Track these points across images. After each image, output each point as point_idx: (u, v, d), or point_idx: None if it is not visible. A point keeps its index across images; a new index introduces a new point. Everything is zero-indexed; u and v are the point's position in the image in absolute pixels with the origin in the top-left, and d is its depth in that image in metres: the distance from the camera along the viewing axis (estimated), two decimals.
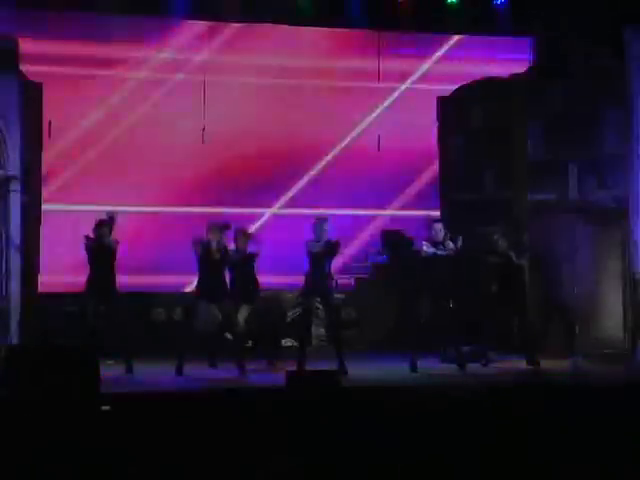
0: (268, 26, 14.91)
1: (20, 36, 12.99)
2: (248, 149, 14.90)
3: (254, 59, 14.98)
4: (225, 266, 12.09)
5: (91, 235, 11.76)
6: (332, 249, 11.79)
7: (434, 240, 12.08)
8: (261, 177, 14.93)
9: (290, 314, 14.14)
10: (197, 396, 10.09)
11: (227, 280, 12.18)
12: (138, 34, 14.57)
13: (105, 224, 11.78)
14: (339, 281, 14.72)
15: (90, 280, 11.79)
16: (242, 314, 12.24)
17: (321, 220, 11.93)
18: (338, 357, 11.52)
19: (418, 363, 11.84)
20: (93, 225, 11.79)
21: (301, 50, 15.23)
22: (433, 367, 12.17)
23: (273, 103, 15.07)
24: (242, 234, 12.40)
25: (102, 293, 11.77)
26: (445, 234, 12.17)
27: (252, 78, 15.00)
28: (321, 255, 11.74)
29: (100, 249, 11.75)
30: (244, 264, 12.29)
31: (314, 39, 15.26)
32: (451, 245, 12.11)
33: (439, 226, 12.20)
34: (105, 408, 8.07)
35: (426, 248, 12.01)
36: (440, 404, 8.74)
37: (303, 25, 15.04)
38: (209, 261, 11.90)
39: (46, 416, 7.82)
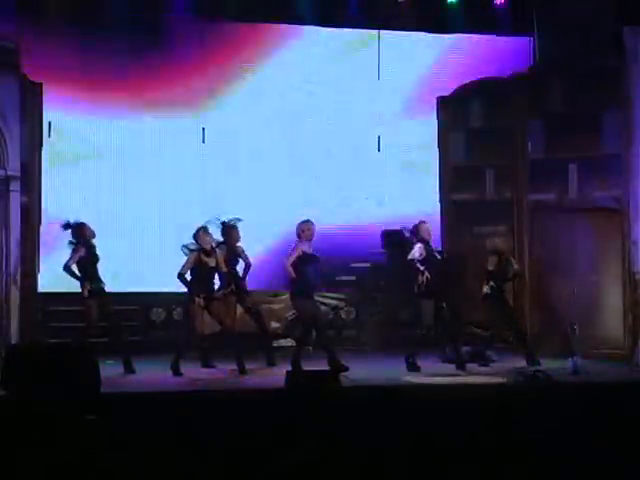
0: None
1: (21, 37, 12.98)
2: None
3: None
4: (216, 268, 12.02)
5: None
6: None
7: (426, 240, 12.17)
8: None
9: (289, 315, 14.12)
10: (197, 396, 10.09)
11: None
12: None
13: (85, 226, 11.83)
14: (339, 279, 14.77)
15: (92, 281, 11.78)
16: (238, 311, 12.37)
17: (309, 222, 11.95)
18: (331, 357, 11.60)
19: (418, 363, 11.91)
20: (77, 229, 11.83)
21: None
22: (433, 367, 12.18)
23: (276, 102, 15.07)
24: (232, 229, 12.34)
25: (102, 293, 11.80)
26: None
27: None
28: (316, 256, 11.85)
29: (92, 250, 11.81)
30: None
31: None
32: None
33: (427, 226, 12.29)
34: (90, 417, 8.06)
35: (418, 255, 12.08)
36: (440, 404, 8.74)
37: (303, 25, 15.03)
38: (202, 266, 11.84)
39: (46, 416, 7.82)
